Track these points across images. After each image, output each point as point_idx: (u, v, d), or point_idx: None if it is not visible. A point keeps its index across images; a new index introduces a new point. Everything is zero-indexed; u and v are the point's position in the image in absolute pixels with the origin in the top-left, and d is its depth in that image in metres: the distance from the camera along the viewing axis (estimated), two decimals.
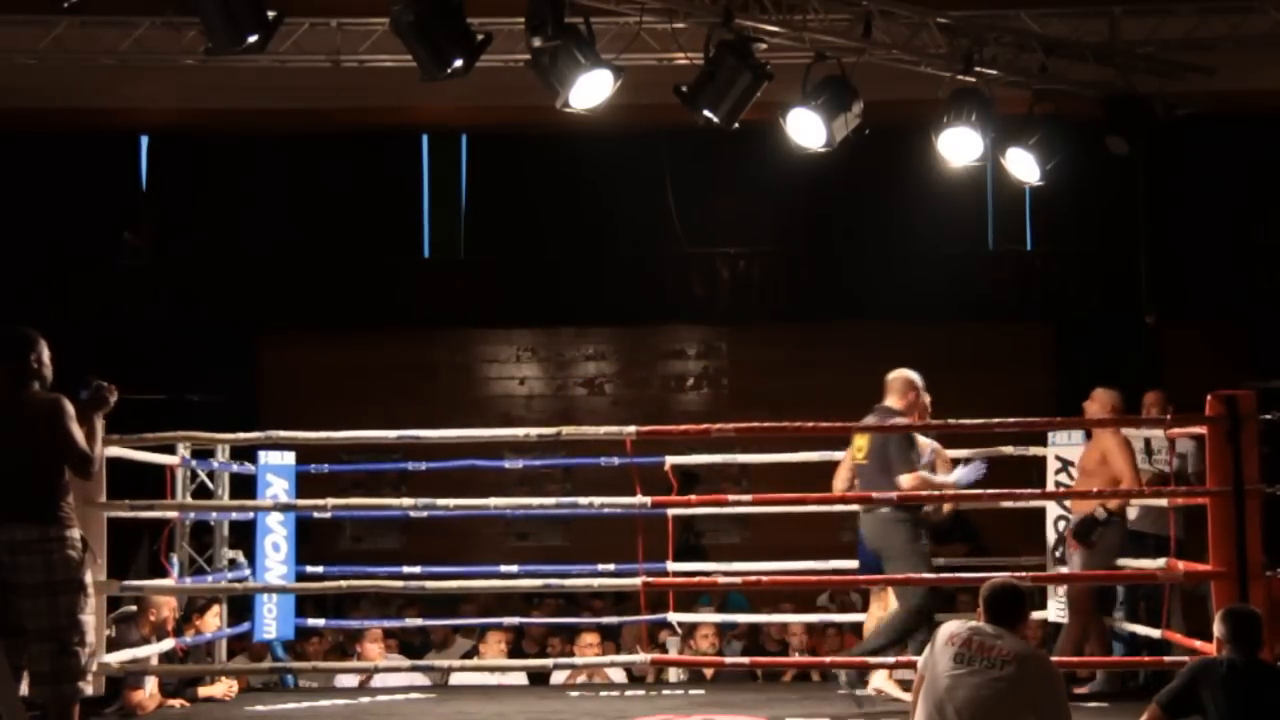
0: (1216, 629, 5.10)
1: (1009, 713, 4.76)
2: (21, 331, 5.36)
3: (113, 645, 6.59)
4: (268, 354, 12.41)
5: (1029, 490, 7.05)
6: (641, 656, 7.34)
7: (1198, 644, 6.44)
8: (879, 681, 7.11)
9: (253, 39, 7.07)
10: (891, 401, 7.03)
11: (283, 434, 7.19)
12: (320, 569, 8.23)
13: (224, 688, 7.43)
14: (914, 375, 7.09)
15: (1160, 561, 6.93)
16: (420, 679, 8.20)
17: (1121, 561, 7.37)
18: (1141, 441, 7.58)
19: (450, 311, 12.49)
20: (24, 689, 5.20)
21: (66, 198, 11.95)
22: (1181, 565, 6.68)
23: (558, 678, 8.41)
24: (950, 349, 11.04)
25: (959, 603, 8.58)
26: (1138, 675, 7.38)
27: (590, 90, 7.49)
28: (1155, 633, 7.09)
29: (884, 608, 7.24)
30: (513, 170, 12.35)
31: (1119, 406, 7.32)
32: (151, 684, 7.04)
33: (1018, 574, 6.68)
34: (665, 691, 7.70)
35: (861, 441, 6.97)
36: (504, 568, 8.29)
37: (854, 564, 7.84)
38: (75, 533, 5.26)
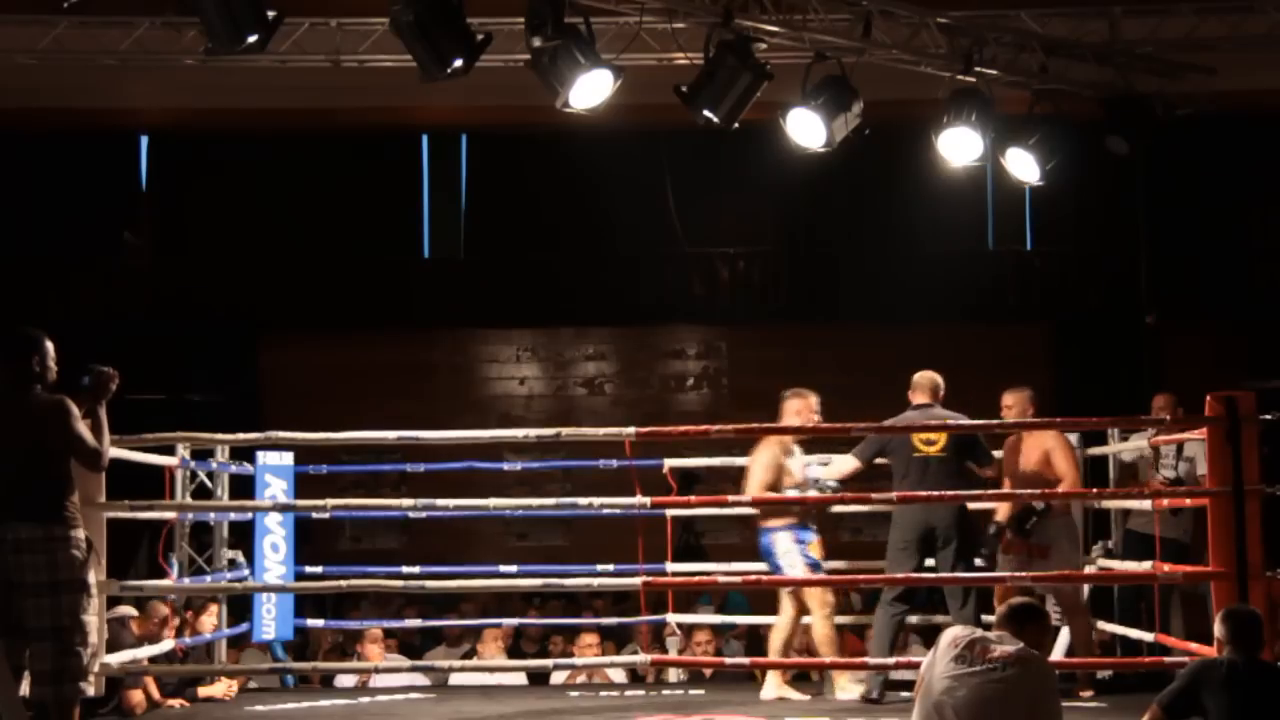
0: (1217, 630, 5.10)
1: (1007, 713, 4.76)
2: (25, 332, 5.34)
3: (107, 646, 6.58)
4: (268, 354, 12.39)
5: (1028, 491, 7.03)
6: (642, 657, 7.35)
7: (1194, 646, 6.44)
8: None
9: (253, 39, 7.06)
10: (928, 399, 7.02)
11: (282, 434, 7.19)
12: (320, 569, 8.24)
13: (224, 688, 7.44)
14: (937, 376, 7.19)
15: (1146, 565, 6.94)
16: (420, 679, 8.20)
17: (1119, 563, 7.36)
18: (1146, 442, 7.57)
19: (450, 311, 12.46)
20: (24, 689, 5.20)
21: (66, 198, 11.93)
22: (1167, 568, 6.68)
23: (558, 678, 8.42)
24: (950, 349, 11.00)
25: None
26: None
27: (590, 90, 7.49)
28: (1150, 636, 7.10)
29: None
30: (513, 170, 12.33)
31: (1035, 399, 7.34)
32: (145, 685, 7.04)
33: (1018, 574, 6.70)
34: (665, 691, 7.71)
35: (934, 436, 6.97)
36: (504, 568, 8.30)
37: (850, 564, 7.87)
38: (80, 533, 5.25)
